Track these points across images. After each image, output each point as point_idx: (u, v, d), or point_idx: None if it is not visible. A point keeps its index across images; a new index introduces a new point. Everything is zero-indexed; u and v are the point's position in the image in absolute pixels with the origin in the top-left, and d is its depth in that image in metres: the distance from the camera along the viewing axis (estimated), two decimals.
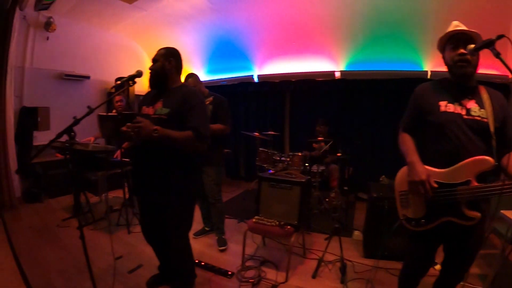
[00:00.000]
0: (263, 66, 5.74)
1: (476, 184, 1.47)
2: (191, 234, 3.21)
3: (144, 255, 2.91)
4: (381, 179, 4.79)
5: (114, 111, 4.23)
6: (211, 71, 6.31)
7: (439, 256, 1.76)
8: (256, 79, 5.78)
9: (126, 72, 5.66)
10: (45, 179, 4.54)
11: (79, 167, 3.79)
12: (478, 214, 1.48)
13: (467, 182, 1.48)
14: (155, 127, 1.75)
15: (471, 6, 3.89)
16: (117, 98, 4.19)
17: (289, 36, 5.20)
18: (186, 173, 1.99)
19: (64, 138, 1.72)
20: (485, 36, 3.68)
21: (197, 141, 1.88)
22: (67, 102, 5.13)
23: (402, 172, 1.77)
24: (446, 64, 1.65)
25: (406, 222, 1.70)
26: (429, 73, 4.66)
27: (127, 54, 6.23)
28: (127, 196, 3.84)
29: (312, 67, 5.38)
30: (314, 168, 4.16)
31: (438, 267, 2.17)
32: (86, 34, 5.42)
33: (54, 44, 4.92)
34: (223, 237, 3.29)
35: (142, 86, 5.80)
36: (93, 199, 4.24)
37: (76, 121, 1.67)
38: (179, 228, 2.06)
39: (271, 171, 3.14)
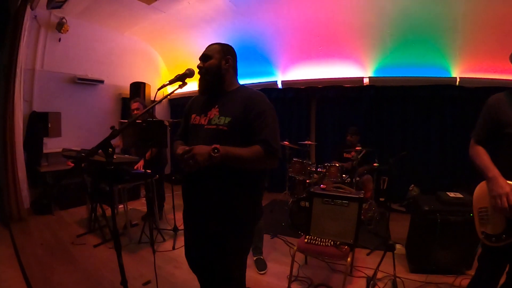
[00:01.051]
0: (287, 71, 5.56)
1: None
2: None
3: (176, 279, 2.62)
4: (410, 188, 4.63)
5: None
6: None
7: None
8: (280, 85, 5.58)
9: (141, 77, 5.45)
10: (56, 190, 4.21)
11: (97, 178, 3.46)
12: None
13: None
14: (213, 146, 1.34)
15: (500, 12, 3.79)
16: (134, 105, 3.92)
17: (315, 41, 5.04)
18: (251, 192, 1.62)
19: (74, 146, 1.37)
20: (509, 40, 3.65)
21: (267, 158, 1.48)
22: (79, 108, 4.91)
23: (481, 187, 1.72)
24: None
25: (485, 239, 1.66)
26: (457, 80, 4.52)
27: (142, 58, 6.03)
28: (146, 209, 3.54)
29: (340, 73, 5.20)
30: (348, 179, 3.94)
31: None
32: (100, 36, 5.21)
33: (66, 46, 4.69)
34: (261, 257, 3.00)
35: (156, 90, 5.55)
36: (108, 211, 3.90)
37: (115, 132, 1.40)
38: (241, 257, 1.69)
39: (322, 186, 2.88)
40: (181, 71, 1.65)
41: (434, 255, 2.69)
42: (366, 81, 5.00)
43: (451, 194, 2.88)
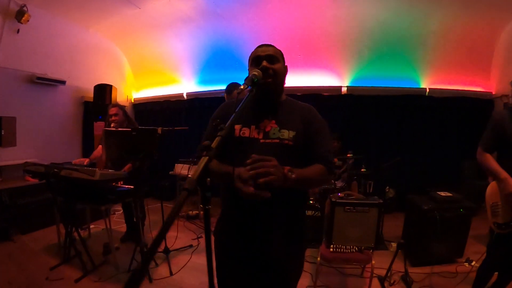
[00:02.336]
0: None
1: None
2: None
3: None
4: (386, 190, 5.01)
5: (112, 125, 3.47)
6: (203, 82, 5.87)
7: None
8: None
9: (105, 79, 4.96)
10: (14, 210, 3.53)
11: (73, 198, 2.99)
12: None
13: None
14: (287, 167, 1.19)
15: (464, 31, 4.48)
16: (113, 110, 3.49)
17: (294, 49, 5.11)
18: (304, 210, 1.58)
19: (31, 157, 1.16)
20: (472, 55, 4.33)
21: (329, 176, 1.41)
22: (37, 112, 4.26)
23: (492, 187, 2.14)
24: None
25: (497, 228, 2.07)
26: (427, 90, 5.09)
27: (106, 58, 5.47)
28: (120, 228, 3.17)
29: (318, 81, 5.39)
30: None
31: (474, 263, 3.01)
32: (64, 31, 4.60)
33: (25, 39, 4.03)
34: None
35: (122, 95, 5.07)
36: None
37: None
38: (297, 280, 1.57)
39: (340, 195, 2.94)
40: (147, 75, 1.47)
41: (432, 249, 3.08)
42: (344, 90, 5.28)
43: (442, 193, 3.25)
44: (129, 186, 3.12)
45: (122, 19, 4.77)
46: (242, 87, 1.19)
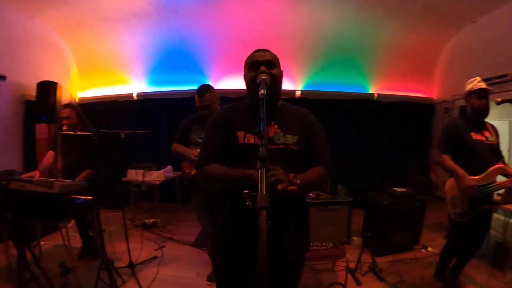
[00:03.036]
0: (219, 81, 5.44)
1: (497, 182, 2.35)
2: (204, 281, 2.98)
3: None
4: (339, 188, 5.32)
5: (64, 128, 3.09)
6: (155, 83, 5.56)
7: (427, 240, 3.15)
8: None
9: (50, 76, 4.52)
10: None
11: (22, 214, 2.59)
12: (500, 198, 2.42)
13: (493, 182, 2.35)
14: (291, 174, 1.22)
15: (411, 43, 5.13)
16: (65, 111, 3.12)
17: (250, 52, 5.12)
18: (307, 213, 1.59)
19: None
20: (417, 65, 5.21)
21: (328, 178, 1.46)
22: None
23: (450, 183, 2.51)
24: (471, 106, 2.51)
25: (458, 217, 2.44)
26: (375, 96, 5.62)
27: (51, 52, 4.84)
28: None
29: None
30: None
31: (430, 249, 3.53)
32: (4, 18, 3.98)
33: None
34: None
35: (66, 94, 4.55)
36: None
37: None
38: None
39: (312, 195, 3.06)
40: (94, 73, 1.45)
41: (392, 239, 3.47)
42: (298, 93, 5.52)
43: (398, 189, 3.65)
44: (86, 197, 2.79)
45: (72, 9, 4.30)
46: (262, 91, 1.21)
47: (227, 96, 5.39)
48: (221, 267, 1.53)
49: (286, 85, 5.50)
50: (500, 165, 2.34)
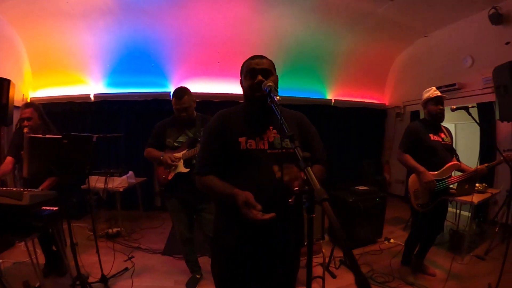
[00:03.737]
0: (181, 84, 5.30)
1: (453, 177, 2.78)
2: None
3: None
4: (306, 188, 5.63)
5: (25, 131, 2.77)
6: (114, 84, 5.23)
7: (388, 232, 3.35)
8: None
9: (1, 72, 4.05)
10: None
11: None
12: (455, 190, 2.82)
13: (449, 176, 2.76)
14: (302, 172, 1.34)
15: (367, 54, 5.69)
16: (26, 111, 2.81)
17: (215, 56, 5.19)
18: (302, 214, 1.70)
19: None
20: (371, 73, 6.05)
21: (326, 173, 1.58)
22: None
23: (412, 178, 2.83)
24: (429, 112, 2.87)
25: (420, 208, 2.77)
26: (332, 101, 6.09)
27: (2, 46, 4.21)
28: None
29: (235, 89, 5.53)
30: None
31: (392, 241, 3.88)
32: None
33: None
34: None
35: (18, 93, 4.06)
36: None
37: None
38: None
39: None
40: (49, 70, 1.49)
41: (359, 233, 3.75)
42: None
43: (360, 187, 3.97)
44: (52, 208, 2.53)
45: (31, 1, 3.86)
46: (278, 98, 1.25)
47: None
48: (226, 269, 1.52)
49: None
50: (454, 162, 2.76)
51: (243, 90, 1.52)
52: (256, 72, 1.43)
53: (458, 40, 4.92)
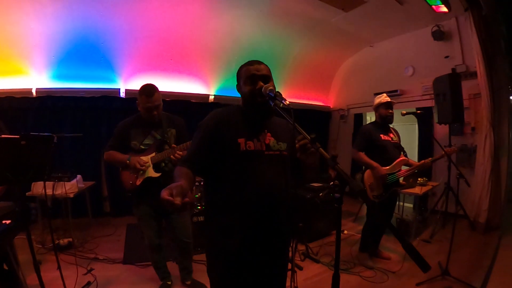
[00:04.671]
0: (131, 80, 5.05)
1: (402, 170, 3.17)
2: None
3: None
4: None
5: None
6: (59, 77, 4.65)
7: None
8: (123, 94, 4.98)
9: None
10: None
11: None
12: (405, 182, 3.28)
13: (399, 170, 3.16)
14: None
15: (316, 59, 6.13)
16: None
17: (168, 53, 5.02)
18: None
19: None
20: (318, 77, 6.90)
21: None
22: None
23: (367, 173, 3.20)
24: (380, 115, 3.27)
25: (375, 198, 3.15)
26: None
27: None
28: None
29: (188, 88, 5.51)
30: None
31: (346, 232, 4.28)
32: None
33: None
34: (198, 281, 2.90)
35: None
36: None
37: None
38: None
39: None
40: None
41: (317, 227, 4.04)
42: (211, 98, 5.71)
43: (315, 184, 4.34)
44: (6, 221, 2.23)
45: None
46: (287, 102, 1.33)
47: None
48: (228, 272, 1.50)
49: (201, 89, 5.63)
50: (402, 157, 3.19)
51: (242, 95, 1.55)
52: (257, 78, 1.47)
53: (401, 51, 5.63)
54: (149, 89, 2.44)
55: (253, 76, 1.46)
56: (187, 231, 2.69)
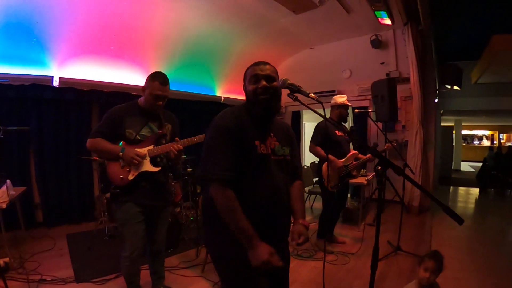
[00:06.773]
0: (66, 65, 4.47)
1: (354, 163, 3.62)
2: None
3: None
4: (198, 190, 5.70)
5: None
6: None
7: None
8: (56, 83, 4.35)
9: None
10: None
11: None
12: (356, 173, 3.80)
13: (351, 163, 3.59)
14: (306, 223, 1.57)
15: (257, 57, 5.99)
16: None
17: (110, 40, 4.60)
18: None
19: None
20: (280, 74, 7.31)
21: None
22: None
23: (325, 165, 3.55)
24: (339, 114, 3.67)
25: (332, 188, 3.54)
26: (222, 98, 6.54)
27: None
28: None
29: (128, 79, 5.16)
30: None
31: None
32: None
33: None
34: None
35: None
36: None
37: None
38: None
39: None
40: None
41: None
42: None
43: None
44: None
45: None
46: (312, 95, 1.47)
47: (75, 88, 4.53)
48: (245, 276, 1.43)
49: (143, 80, 5.12)
50: (353, 151, 3.64)
51: (247, 95, 1.58)
52: (260, 78, 1.50)
53: (340, 55, 6.22)
54: (164, 76, 2.30)
55: (256, 76, 1.50)
56: (164, 235, 2.59)
